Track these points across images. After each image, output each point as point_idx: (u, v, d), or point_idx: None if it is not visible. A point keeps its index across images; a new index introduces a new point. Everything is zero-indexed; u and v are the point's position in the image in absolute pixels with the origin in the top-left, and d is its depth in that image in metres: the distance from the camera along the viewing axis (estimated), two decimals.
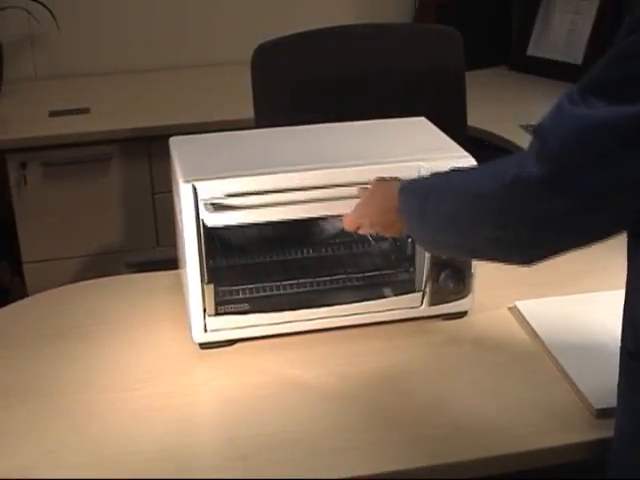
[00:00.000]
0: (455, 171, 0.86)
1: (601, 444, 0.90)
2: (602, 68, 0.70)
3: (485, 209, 0.76)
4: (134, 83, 2.13)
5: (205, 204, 1.01)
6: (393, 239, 1.17)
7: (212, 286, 1.06)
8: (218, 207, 1.01)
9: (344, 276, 1.13)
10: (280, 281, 1.10)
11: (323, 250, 1.19)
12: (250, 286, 1.10)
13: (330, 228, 1.22)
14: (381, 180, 0.95)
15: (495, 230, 0.75)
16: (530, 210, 0.73)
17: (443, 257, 0.91)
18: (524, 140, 1.72)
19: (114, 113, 1.93)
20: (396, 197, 0.88)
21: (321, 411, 0.97)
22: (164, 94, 2.06)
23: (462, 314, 1.14)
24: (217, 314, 1.06)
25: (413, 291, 1.12)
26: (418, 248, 1.09)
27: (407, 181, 0.89)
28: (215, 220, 1.01)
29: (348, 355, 1.05)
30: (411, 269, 1.12)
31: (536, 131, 0.74)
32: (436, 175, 0.88)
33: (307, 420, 0.95)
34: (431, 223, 0.83)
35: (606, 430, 0.90)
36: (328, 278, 1.12)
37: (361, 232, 0.96)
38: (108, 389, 1.01)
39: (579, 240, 0.75)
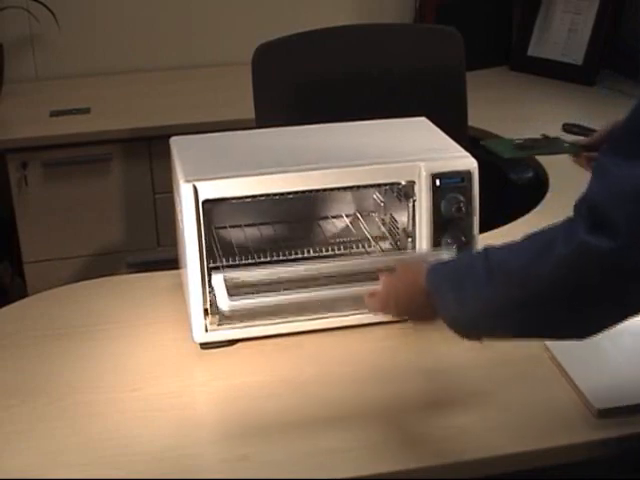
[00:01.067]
0: (488, 250, 0.79)
1: (602, 444, 0.90)
2: (632, 118, 0.69)
3: (536, 288, 0.72)
4: (135, 83, 2.14)
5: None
6: (393, 239, 1.17)
7: (212, 287, 1.06)
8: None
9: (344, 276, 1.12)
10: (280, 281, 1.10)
11: (324, 250, 1.19)
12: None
13: (331, 228, 1.22)
14: (404, 263, 0.89)
15: (551, 309, 0.72)
16: (591, 286, 0.70)
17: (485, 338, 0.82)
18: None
19: (115, 113, 1.93)
20: (424, 279, 0.81)
21: (322, 411, 0.97)
22: (165, 94, 2.06)
23: None
24: (218, 314, 1.06)
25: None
26: (418, 247, 1.09)
27: (435, 263, 0.83)
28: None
29: (349, 355, 1.05)
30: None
31: (584, 201, 0.71)
32: (464, 255, 0.83)
33: (308, 420, 0.95)
34: (471, 308, 0.77)
35: (607, 430, 0.90)
36: (328, 278, 1.12)
37: (387, 317, 0.89)
38: (109, 389, 1.01)
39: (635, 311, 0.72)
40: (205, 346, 1.07)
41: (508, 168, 1.62)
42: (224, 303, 0.92)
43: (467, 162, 1.08)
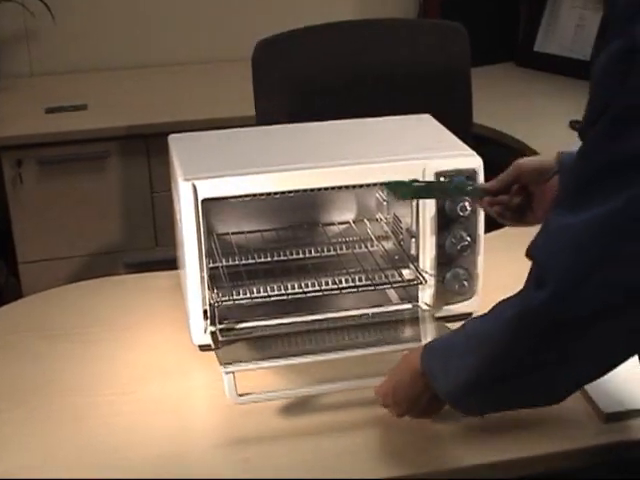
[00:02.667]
0: (469, 320, 0.83)
1: (610, 449, 0.90)
2: (578, 168, 0.69)
3: (490, 352, 0.74)
4: (132, 79, 2.13)
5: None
6: (396, 238, 1.17)
7: (212, 287, 1.06)
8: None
9: (346, 277, 1.13)
10: (281, 282, 1.10)
11: (325, 250, 1.19)
12: (251, 287, 1.10)
13: (333, 227, 1.22)
14: (406, 354, 0.92)
15: (511, 375, 0.74)
16: (531, 347, 0.71)
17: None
18: (532, 137, 1.71)
19: (112, 110, 1.93)
20: (418, 364, 0.85)
21: (325, 414, 0.97)
22: (163, 91, 2.06)
23: (467, 316, 1.14)
24: (217, 315, 1.06)
25: (417, 292, 1.12)
26: (422, 247, 1.09)
27: (430, 342, 0.86)
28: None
29: (350, 357, 1.04)
30: (415, 269, 1.12)
31: (528, 256, 0.73)
32: (456, 329, 0.85)
33: (310, 423, 0.95)
34: (458, 380, 0.79)
35: (615, 434, 0.90)
36: (330, 279, 1.12)
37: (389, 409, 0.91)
38: (104, 392, 1.01)
39: (601, 361, 0.72)
40: (204, 348, 1.07)
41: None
42: (233, 397, 0.92)
43: (472, 160, 1.08)
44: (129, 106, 1.96)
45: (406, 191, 1.02)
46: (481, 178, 1.08)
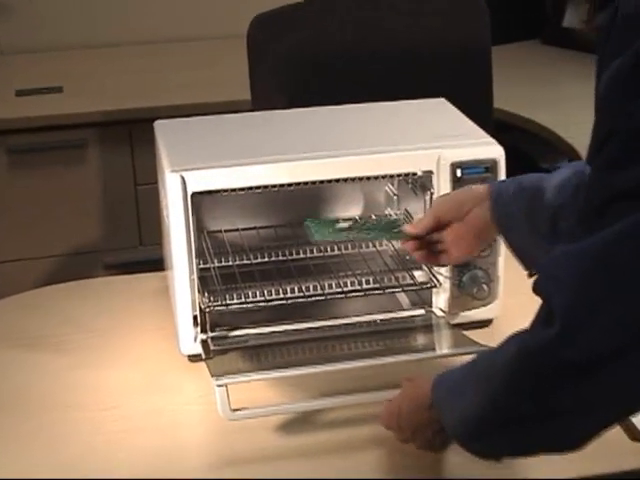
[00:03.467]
0: (483, 352, 0.85)
1: None
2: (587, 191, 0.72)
3: (499, 394, 0.76)
4: (114, 59, 2.15)
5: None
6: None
7: (202, 291, 1.07)
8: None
9: (352, 279, 1.14)
10: (280, 285, 1.11)
11: (329, 250, 1.20)
12: (245, 291, 1.11)
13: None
14: (410, 380, 0.94)
15: (517, 419, 0.75)
16: (549, 384, 0.72)
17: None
18: (561, 125, 1.72)
19: (90, 93, 1.94)
20: (429, 394, 0.86)
21: (326, 431, 0.98)
22: (148, 71, 2.07)
23: (487, 323, 1.15)
24: (208, 322, 1.07)
25: (430, 296, 1.13)
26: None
27: (442, 374, 0.87)
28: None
29: (355, 368, 1.05)
30: (428, 271, 1.12)
31: (535, 290, 0.75)
32: (470, 361, 0.86)
33: (311, 441, 0.96)
34: (469, 416, 0.80)
35: None
36: (334, 281, 1.13)
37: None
38: (84, 407, 1.02)
39: (617, 405, 0.73)
40: (194, 358, 1.08)
41: (539, 157, 1.63)
42: (226, 412, 0.93)
43: (492, 149, 1.09)
44: (110, 89, 1.97)
45: (323, 231, 1.03)
46: (502, 169, 1.09)
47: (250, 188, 1.05)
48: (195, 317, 1.06)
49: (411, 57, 1.59)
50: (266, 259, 1.18)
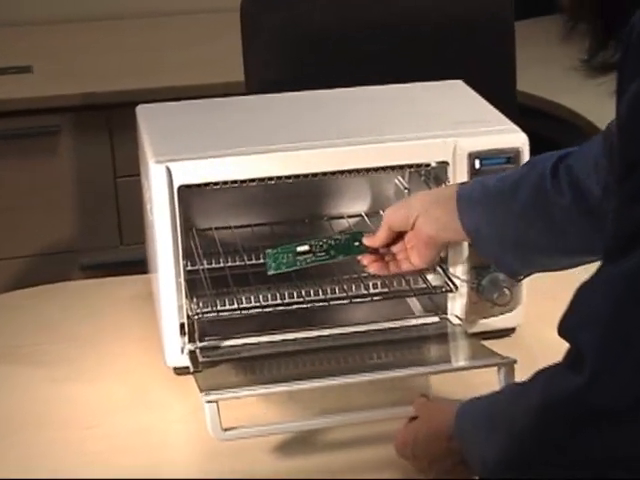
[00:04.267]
0: (511, 386, 0.87)
1: None
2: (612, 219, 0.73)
3: (523, 440, 0.77)
4: (90, 35, 2.15)
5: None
6: None
7: (191, 296, 1.08)
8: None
9: (357, 283, 1.14)
10: (277, 290, 1.12)
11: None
12: (238, 296, 1.12)
13: (341, 221, 1.24)
14: (425, 400, 0.96)
15: (544, 464, 0.76)
16: (577, 434, 0.73)
17: None
18: (592, 110, 1.72)
19: (64, 73, 1.95)
20: (448, 424, 0.88)
21: (329, 453, 0.98)
22: (129, 50, 2.08)
23: (509, 331, 1.16)
24: (197, 331, 1.08)
25: (445, 301, 1.13)
26: (452, 246, 1.11)
27: (464, 405, 0.88)
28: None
29: (361, 382, 1.06)
30: (443, 274, 1.13)
31: (561, 334, 0.76)
32: (498, 393, 0.88)
33: (311, 465, 0.97)
34: (489, 455, 0.82)
35: None
36: (337, 285, 1.14)
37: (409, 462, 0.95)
38: (60, 426, 1.02)
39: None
40: (181, 371, 1.08)
41: (567, 145, 1.62)
42: (217, 432, 0.94)
43: (515, 138, 1.10)
44: (86, 69, 1.97)
45: (279, 261, 1.06)
46: (526, 159, 1.09)
47: (244, 181, 1.05)
48: (182, 325, 1.07)
49: (422, 33, 1.59)
50: (262, 260, 1.18)
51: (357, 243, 1.08)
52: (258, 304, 1.10)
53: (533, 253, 0.97)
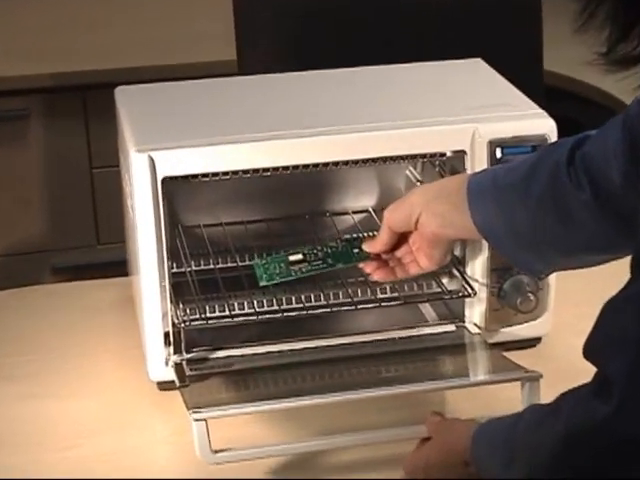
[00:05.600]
0: (533, 409, 0.88)
1: None
2: None
3: (547, 470, 0.79)
4: (62, 9, 2.15)
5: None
6: None
7: (176, 301, 1.08)
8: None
9: (364, 287, 1.14)
10: (273, 295, 1.12)
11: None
12: (230, 301, 1.12)
13: (345, 218, 1.24)
14: (440, 420, 0.96)
15: None
16: (605, 464, 0.75)
17: None
18: (628, 91, 1.72)
19: (34, 51, 1.95)
20: (464, 448, 0.89)
21: (329, 477, 0.99)
22: (106, 24, 2.08)
23: (534, 342, 1.16)
24: (183, 341, 1.08)
25: (463, 308, 1.14)
26: (470, 245, 1.11)
27: (480, 428, 0.90)
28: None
29: (367, 399, 1.06)
30: (460, 277, 1.13)
31: (587, 357, 0.77)
32: (518, 416, 0.88)
33: None
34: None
35: None
36: (341, 289, 1.14)
37: None
38: (31, 448, 1.03)
39: None
40: (165, 386, 1.09)
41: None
42: (205, 454, 0.95)
43: (541, 124, 1.10)
44: (58, 45, 1.97)
45: (270, 272, 1.06)
46: None
47: (236, 172, 1.06)
48: (167, 334, 1.07)
49: (441, 7, 1.59)
50: (256, 261, 1.19)
51: (356, 250, 1.08)
52: (252, 310, 1.10)
53: (551, 250, 0.97)
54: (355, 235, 1.19)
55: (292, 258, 1.08)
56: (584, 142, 0.94)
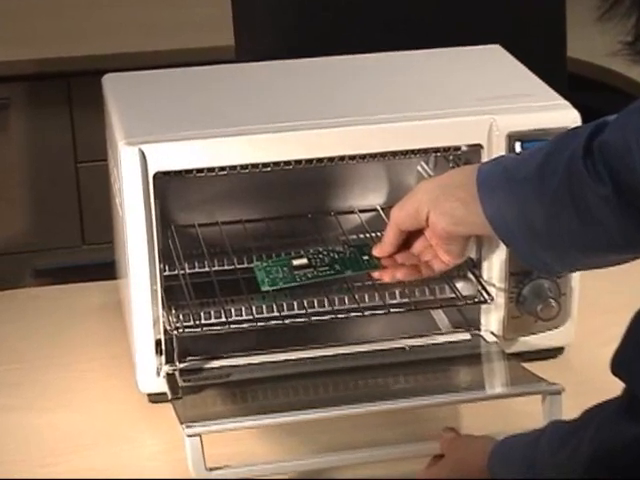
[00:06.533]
0: (556, 425, 0.88)
1: None
2: None
3: None
4: None
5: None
6: None
7: (169, 306, 1.08)
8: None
9: (372, 291, 1.14)
10: (274, 300, 1.12)
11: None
12: (227, 307, 1.12)
13: (351, 217, 1.24)
14: (453, 436, 0.97)
15: None
16: None
17: None
18: None
19: (15, 35, 1.95)
20: (479, 466, 0.90)
21: None
22: (93, 6, 2.08)
23: (556, 352, 1.16)
24: (176, 349, 1.08)
25: (478, 315, 1.14)
26: (486, 247, 1.11)
27: (498, 445, 0.90)
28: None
29: (375, 413, 1.06)
30: (476, 281, 1.14)
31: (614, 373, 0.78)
32: (541, 432, 0.89)
33: None
34: None
35: None
36: (347, 294, 1.14)
37: None
38: (11, 464, 1.03)
39: None
40: (156, 398, 1.09)
41: None
42: (200, 472, 0.95)
43: (564, 115, 1.10)
44: (41, 30, 1.98)
45: (271, 276, 1.06)
46: None
47: (234, 167, 1.06)
48: (158, 342, 1.07)
49: None
50: (255, 264, 1.19)
51: (366, 257, 1.08)
52: (251, 317, 1.10)
53: (568, 248, 0.96)
54: (363, 237, 1.19)
55: (296, 262, 1.08)
56: (602, 129, 0.92)
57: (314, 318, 1.11)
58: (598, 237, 0.93)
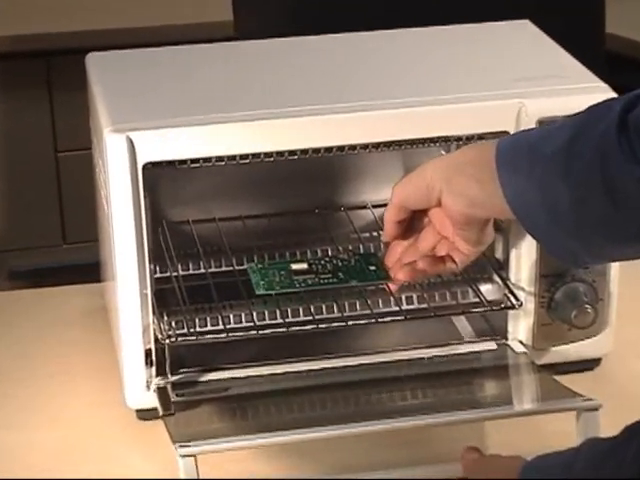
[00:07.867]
0: (593, 443, 0.89)
1: None
2: None
3: None
4: None
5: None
6: None
7: (160, 312, 1.09)
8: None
9: (386, 296, 1.15)
10: (276, 305, 1.12)
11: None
12: (224, 313, 1.13)
13: (362, 213, 1.25)
14: (478, 456, 0.97)
15: None
16: None
17: None
18: None
19: None
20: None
21: None
22: None
23: (592, 364, 1.16)
24: (168, 360, 1.09)
25: (505, 322, 1.14)
26: (513, 247, 1.11)
27: (530, 464, 0.90)
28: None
29: (390, 431, 1.07)
30: (502, 284, 1.14)
31: None
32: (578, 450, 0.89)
33: None
34: None
35: None
36: (359, 299, 1.14)
37: None
38: None
39: None
40: (146, 415, 1.09)
41: None
42: None
43: (601, 98, 1.09)
44: (17, 3, 1.98)
45: (273, 281, 1.06)
46: None
47: (232, 157, 1.06)
48: (148, 352, 1.08)
49: None
50: (255, 265, 1.19)
51: (373, 267, 1.08)
52: (252, 324, 1.10)
53: (597, 236, 0.95)
54: (370, 246, 1.18)
55: (295, 267, 1.08)
56: (638, 102, 0.90)
57: (322, 325, 1.11)
58: (632, 225, 0.92)
